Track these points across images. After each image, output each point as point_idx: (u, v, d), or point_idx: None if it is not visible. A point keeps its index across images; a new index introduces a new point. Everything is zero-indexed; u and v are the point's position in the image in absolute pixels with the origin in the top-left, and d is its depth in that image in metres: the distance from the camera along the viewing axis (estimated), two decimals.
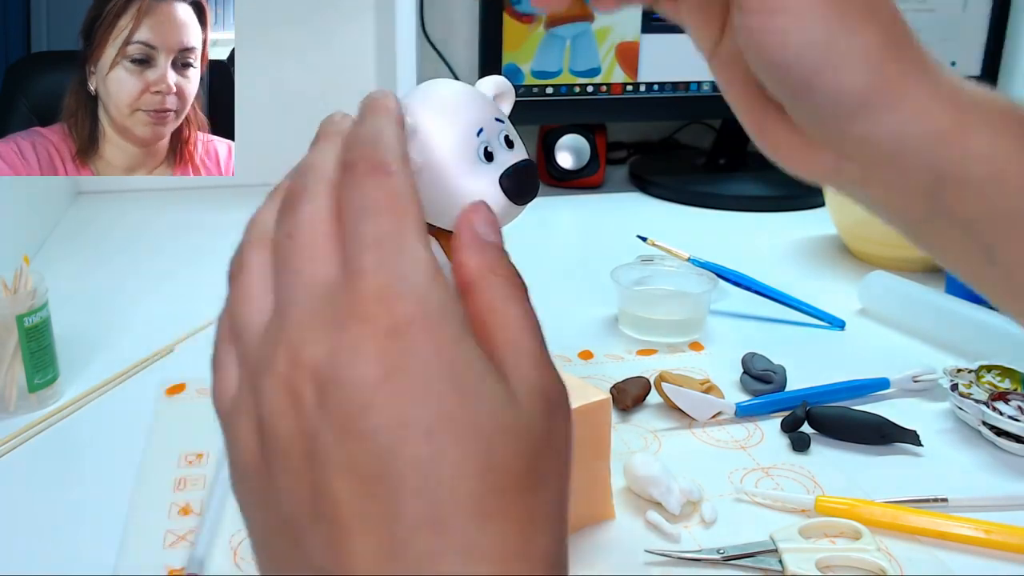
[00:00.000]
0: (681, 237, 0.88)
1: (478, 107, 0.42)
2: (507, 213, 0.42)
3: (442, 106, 0.43)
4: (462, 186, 0.41)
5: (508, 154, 0.42)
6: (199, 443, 0.58)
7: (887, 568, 0.47)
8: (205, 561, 0.47)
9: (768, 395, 0.65)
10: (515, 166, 0.41)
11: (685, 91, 1.18)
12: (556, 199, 1.20)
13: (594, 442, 0.51)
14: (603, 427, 0.51)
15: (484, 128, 0.41)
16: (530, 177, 0.42)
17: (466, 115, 0.42)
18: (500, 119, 0.42)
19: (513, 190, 0.41)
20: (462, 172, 0.41)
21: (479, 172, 0.41)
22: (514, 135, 0.43)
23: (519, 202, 0.42)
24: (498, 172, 0.41)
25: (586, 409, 0.50)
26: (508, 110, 0.45)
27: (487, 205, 0.35)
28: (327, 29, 1.19)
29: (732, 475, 0.56)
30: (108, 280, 0.88)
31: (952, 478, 0.56)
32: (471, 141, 0.41)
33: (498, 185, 0.41)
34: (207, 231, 1.04)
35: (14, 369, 0.61)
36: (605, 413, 0.51)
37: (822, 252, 1.00)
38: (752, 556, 0.48)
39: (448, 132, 0.41)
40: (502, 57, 1.11)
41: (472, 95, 0.43)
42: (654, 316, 0.75)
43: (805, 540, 0.50)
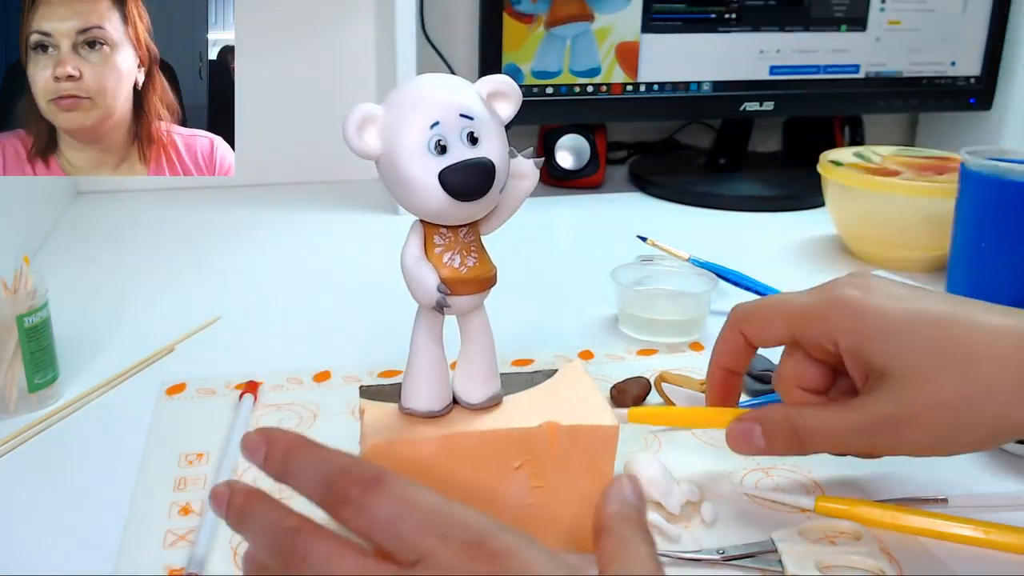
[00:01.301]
0: (681, 237, 0.88)
1: (442, 101, 0.42)
2: (449, 208, 0.43)
3: (406, 98, 0.43)
4: (410, 175, 0.42)
5: (466, 150, 0.42)
6: (199, 443, 0.58)
7: (886, 569, 0.47)
8: (205, 561, 0.47)
9: (768, 395, 0.65)
10: (458, 163, 0.41)
11: (685, 91, 1.18)
12: (556, 199, 1.20)
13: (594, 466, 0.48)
14: (606, 453, 0.48)
15: (441, 122, 0.42)
16: (474, 176, 0.42)
17: (425, 108, 0.42)
18: (468, 115, 0.42)
19: (451, 186, 0.42)
20: (411, 162, 0.42)
21: (427, 164, 0.42)
22: (485, 132, 0.42)
23: (458, 198, 0.42)
24: (442, 166, 0.41)
25: (589, 430, 0.47)
26: (509, 110, 0.45)
27: (637, 481, 0.40)
28: (327, 29, 1.19)
29: (732, 475, 0.56)
30: (108, 280, 0.88)
31: (952, 478, 0.56)
32: (424, 133, 0.42)
33: (438, 179, 0.41)
34: (207, 231, 1.04)
35: (14, 369, 0.61)
36: (610, 439, 0.47)
37: (822, 252, 1.00)
38: (752, 556, 0.48)
39: (403, 123, 0.42)
40: (502, 57, 1.11)
41: (444, 89, 0.43)
42: (654, 316, 0.75)
43: (805, 541, 0.50)
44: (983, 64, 1.26)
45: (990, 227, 0.81)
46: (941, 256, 0.89)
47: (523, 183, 0.46)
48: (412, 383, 0.47)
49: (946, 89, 1.26)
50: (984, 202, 0.81)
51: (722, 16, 1.16)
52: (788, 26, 1.19)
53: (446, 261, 0.45)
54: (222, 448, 0.57)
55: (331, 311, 0.81)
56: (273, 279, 0.90)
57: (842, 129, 1.32)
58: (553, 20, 1.12)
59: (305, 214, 1.11)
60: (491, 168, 0.42)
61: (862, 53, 1.22)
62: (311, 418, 0.62)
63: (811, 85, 1.22)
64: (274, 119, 1.19)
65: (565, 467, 0.47)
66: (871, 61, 1.23)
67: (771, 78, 1.20)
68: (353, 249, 1.00)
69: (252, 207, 1.13)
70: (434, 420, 0.47)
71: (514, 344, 0.73)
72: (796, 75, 1.21)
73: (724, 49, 1.18)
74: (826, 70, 1.22)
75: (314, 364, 0.70)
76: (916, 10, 1.22)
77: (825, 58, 1.21)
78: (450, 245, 0.45)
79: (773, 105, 1.21)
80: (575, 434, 0.46)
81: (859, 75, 1.23)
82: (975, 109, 1.28)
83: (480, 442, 0.46)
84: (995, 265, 0.81)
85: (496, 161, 0.42)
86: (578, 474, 0.47)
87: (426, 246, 0.45)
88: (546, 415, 0.47)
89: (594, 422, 0.47)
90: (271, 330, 0.77)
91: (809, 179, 1.06)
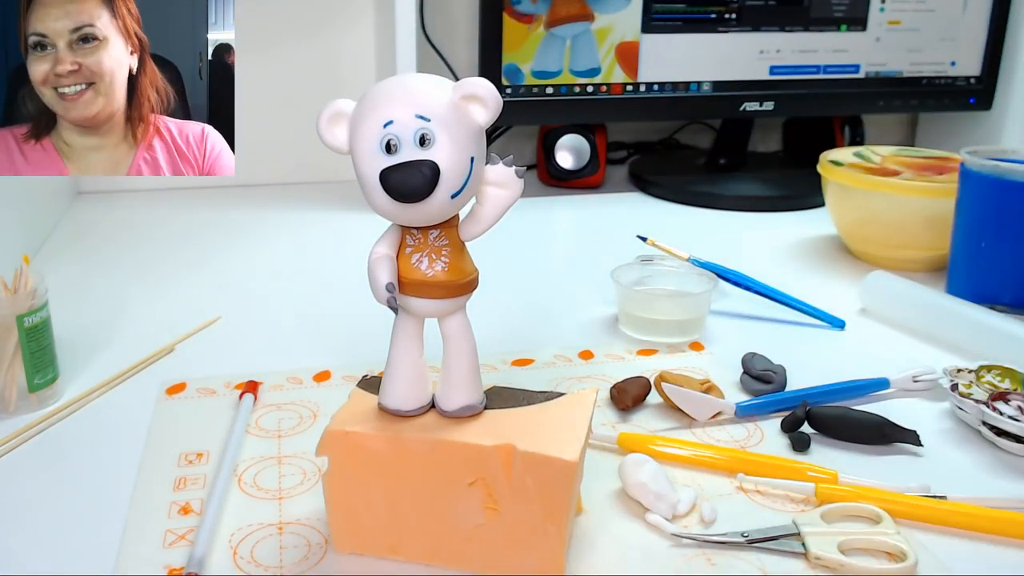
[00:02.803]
0: (681, 237, 0.88)
1: (400, 101, 0.42)
2: (393, 209, 0.43)
3: (371, 95, 0.44)
4: (361, 173, 0.43)
5: (414, 151, 0.42)
6: (199, 443, 0.58)
7: (907, 550, 0.48)
8: (205, 561, 0.47)
9: (768, 395, 0.65)
10: (394, 165, 0.42)
11: (685, 91, 1.18)
12: (556, 199, 1.20)
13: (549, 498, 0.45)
14: (561, 487, 0.45)
15: (395, 121, 0.42)
16: (409, 178, 0.41)
17: (383, 107, 0.42)
18: (424, 117, 0.42)
19: (387, 186, 0.42)
20: (363, 160, 0.43)
21: (375, 162, 0.42)
22: (443, 136, 0.42)
23: (396, 199, 0.42)
24: (384, 166, 0.42)
25: (543, 460, 0.45)
26: (484, 116, 0.43)
27: None
28: (327, 29, 1.19)
29: (732, 475, 0.56)
30: (108, 280, 0.88)
31: (952, 478, 0.56)
32: (377, 132, 0.42)
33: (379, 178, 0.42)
34: (207, 231, 1.04)
35: (14, 369, 0.61)
36: (566, 473, 0.45)
37: (822, 252, 1.00)
38: (775, 539, 0.49)
39: (362, 120, 0.43)
40: (502, 57, 1.11)
41: (406, 89, 0.43)
42: (654, 316, 0.75)
43: (826, 524, 0.50)
44: (983, 64, 1.26)
45: (990, 227, 0.81)
46: (941, 256, 0.89)
47: (503, 192, 0.45)
48: (386, 381, 0.48)
49: (946, 89, 1.26)
50: (984, 202, 0.81)
51: (722, 16, 1.16)
52: (788, 26, 1.19)
53: (413, 263, 0.45)
54: (222, 448, 0.57)
55: (331, 311, 0.81)
56: (273, 279, 0.90)
57: (842, 129, 1.32)
58: (553, 20, 1.12)
59: (305, 214, 1.11)
60: (432, 171, 0.41)
61: (862, 53, 1.22)
62: (311, 418, 0.62)
63: (811, 85, 1.22)
64: (274, 119, 1.19)
65: (520, 493, 0.46)
66: (871, 61, 1.23)
67: (771, 78, 1.20)
68: (353, 249, 1.00)
69: (252, 207, 1.13)
70: (404, 420, 0.47)
71: (514, 344, 0.73)
72: (796, 75, 1.21)
73: (724, 49, 1.18)
74: (826, 70, 1.22)
75: (314, 364, 0.70)
76: (916, 10, 1.22)
77: (825, 58, 1.21)
78: (419, 247, 0.45)
79: (773, 105, 1.21)
80: (529, 461, 0.45)
81: (859, 75, 1.23)
82: (975, 109, 1.28)
83: (430, 449, 0.46)
84: (995, 265, 0.81)
85: (444, 164, 0.42)
86: (532, 502, 0.46)
87: (400, 246, 0.45)
88: (510, 437, 0.45)
89: (552, 453, 0.44)
90: (271, 330, 0.77)
91: (809, 179, 1.06)
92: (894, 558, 0.48)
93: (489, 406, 0.49)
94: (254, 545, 0.49)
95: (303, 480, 0.55)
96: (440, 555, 0.48)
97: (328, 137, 0.44)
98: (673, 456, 0.57)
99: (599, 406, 0.63)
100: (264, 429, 0.60)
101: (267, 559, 0.48)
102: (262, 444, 0.59)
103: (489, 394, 0.49)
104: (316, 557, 0.48)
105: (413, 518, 0.47)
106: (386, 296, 0.43)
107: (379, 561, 0.48)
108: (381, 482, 0.47)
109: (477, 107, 0.43)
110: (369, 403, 0.49)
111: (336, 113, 0.43)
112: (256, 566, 0.47)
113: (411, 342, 0.47)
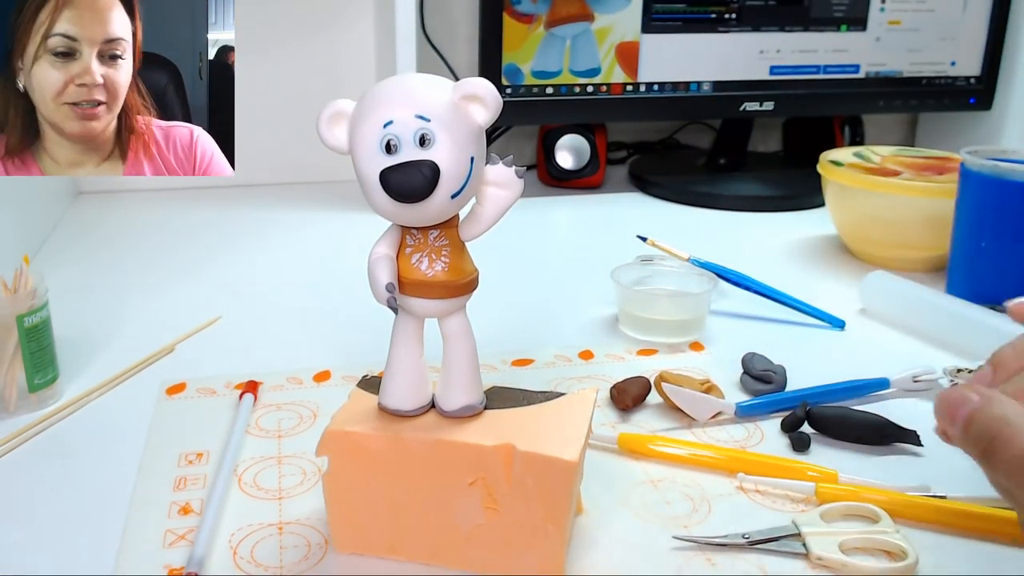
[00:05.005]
0: (681, 237, 0.88)
1: (400, 101, 0.42)
2: (394, 209, 0.43)
3: (371, 95, 0.44)
4: (361, 173, 0.43)
5: (414, 151, 0.42)
6: (199, 443, 0.58)
7: (907, 548, 0.48)
8: (205, 561, 0.47)
9: (768, 395, 0.65)
10: (394, 165, 0.42)
11: (685, 91, 1.18)
12: (556, 199, 1.20)
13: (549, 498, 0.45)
14: (561, 487, 0.45)
15: (395, 121, 0.42)
16: (409, 178, 0.41)
17: (382, 107, 0.42)
18: (424, 117, 0.42)
19: (387, 186, 0.42)
20: (363, 160, 0.43)
21: (375, 163, 0.42)
22: (443, 136, 0.42)
23: (396, 199, 0.42)
24: (385, 166, 0.42)
25: (543, 460, 0.45)
26: (485, 116, 0.43)
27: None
28: (327, 29, 1.19)
29: (732, 475, 0.56)
30: (108, 280, 0.88)
31: (952, 478, 0.56)
32: (377, 132, 0.42)
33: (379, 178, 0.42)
34: (207, 231, 1.04)
35: (14, 369, 0.61)
36: (566, 474, 0.45)
37: (822, 252, 1.00)
38: (776, 540, 0.49)
39: (362, 120, 0.43)
40: (502, 57, 1.11)
41: (406, 89, 0.43)
42: (654, 316, 0.75)
43: (826, 523, 0.51)
44: (983, 64, 1.26)
45: (990, 227, 0.81)
46: (941, 256, 0.89)
47: (504, 192, 0.45)
48: (385, 381, 0.48)
49: (946, 89, 1.26)
50: (984, 202, 0.81)
51: (722, 16, 1.16)
52: (788, 26, 1.19)
53: (413, 263, 0.45)
54: (222, 448, 0.57)
55: (331, 311, 0.81)
56: (273, 279, 0.90)
57: (842, 129, 1.32)
58: (553, 20, 1.12)
59: (305, 214, 1.11)
60: (432, 171, 0.41)
61: (862, 53, 1.22)
62: (311, 418, 0.62)
63: (811, 85, 1.22)
64: (274, 119, 1.19)
65: (520, 493, 0.45)
66: (871, 61, 1.23)
67: (771, 78, 1.20)
68: (353, 249, 1.00)
69: (252, 207, 1.13)
70: (404, 419, 0.47)
71: (514, 344, 0.73)
72: (796, 75, 1.21)
73: (724, 49, 1.18)
74: (826, 70, 1.22)
75: (314, 364, 0.70)
76: (916, 10, 1.22)
77: (825, 58, 1.21)
78: (419, 247, 0.45)
79: (773, 105, 1.21)
80: (529, 461, 0.45)
81: (859, 75, 1.23)
82: (975, 109, 1.28)
83: (430, 449, 0.46)
84: (995, 265, 0.81)
85: (444, 165, 0.42)
86: (533, 503, 0.45)
87: (400, 246, 0.45)
88: (510, 437, 0.45)
89: (552, 453, 0.44)
90: (271, 330, 0.77)
91: (809, 179, 1.06)
92: (894, 557, 0.48)
93: (489, 406, 0.49)
94: (254, 545, 0.49)
95: (303, 480, 0.55)
96: (440, 555, 0.48)
97: (328, 137, 0.44)
98: (673, 456, 0.57)
99: (599, 406, 0.63)
100: (264, 429, 0.60)
101: (267, 559, 0.48)
102: (262, 444, 0.59)
103: (489, 394, 0.49)
104: (316, 557, 0.48)
105: (413, 518, 0.47)
106: (386, 296, 0.43)
107: (379, 561, 0.48)
108: (381, 482, 0.47)
109: (477, 107, 0.43)
110: (369, 403, 0.49)
111: (336, 113, 0.43)
112: (256, 566, 0.47)
113: (411, 342, 0.47)
